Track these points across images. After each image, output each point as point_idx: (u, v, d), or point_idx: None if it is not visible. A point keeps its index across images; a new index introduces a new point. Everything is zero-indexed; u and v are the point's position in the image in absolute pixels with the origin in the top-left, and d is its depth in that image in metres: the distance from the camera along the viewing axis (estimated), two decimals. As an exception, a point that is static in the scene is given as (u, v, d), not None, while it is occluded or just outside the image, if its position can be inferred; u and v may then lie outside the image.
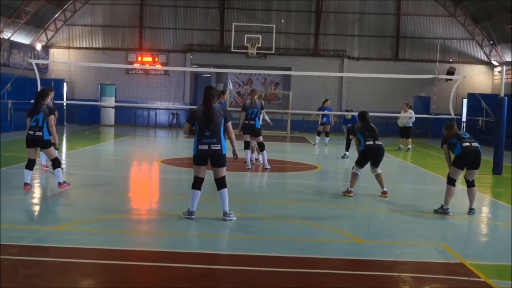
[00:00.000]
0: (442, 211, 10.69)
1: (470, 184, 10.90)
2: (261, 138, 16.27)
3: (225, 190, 9.37)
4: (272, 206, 11.21)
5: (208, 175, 9.46)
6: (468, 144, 10.66)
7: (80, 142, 21.93)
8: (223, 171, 9.37)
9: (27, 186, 11.60)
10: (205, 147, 9.18)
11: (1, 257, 6.88)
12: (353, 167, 12.42)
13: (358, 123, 12.65)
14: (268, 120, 19.50)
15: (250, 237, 8.59)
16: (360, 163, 12.33)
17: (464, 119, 32.46)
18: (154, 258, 7.34)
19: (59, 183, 11.73)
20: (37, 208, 10.72)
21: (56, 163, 11.78)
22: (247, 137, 16.29)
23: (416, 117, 24.53)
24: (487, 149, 23.80)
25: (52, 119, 11.85)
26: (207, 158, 9.29)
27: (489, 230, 10.03)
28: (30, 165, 11.72)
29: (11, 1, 29.42)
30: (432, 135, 33.61)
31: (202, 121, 9.15)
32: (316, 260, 7.46)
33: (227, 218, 9.38)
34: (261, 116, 16.88)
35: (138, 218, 9.98)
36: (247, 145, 16.27)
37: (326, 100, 24.88)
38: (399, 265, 7.35)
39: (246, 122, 16.17)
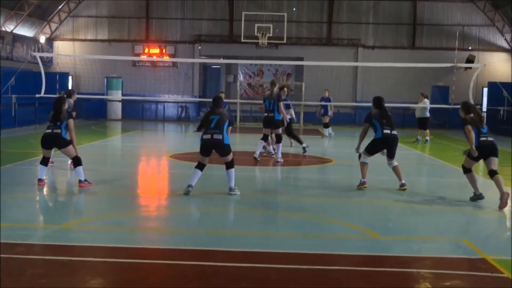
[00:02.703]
0: (477, 197, 10.83)
1: (492, 173, 10.65)
2: (279, 131, 15.90)
3: (232, 170, 10.89)
4: (286, 201, 11.20)
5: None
6: (484, 138, 10.76)
7: (87, 137, 21.45)
8: (230, 157, 10.86)
9: (41, 182, 11.47)
10: (208, 136, 10.70)
11: (8, 256, 6.76)
12: (359, 156, 12.03)
13: (374, 110, 12.02)
14: (292, 115, 19.30)
15: (263, 233, 8.46)
16: (371, 151, 11.96)
17: (484, 109, 31.63)
18: (164, 256, 7.21)
19: (80, 181, 11.49)
20: (43, 205, 10.62)
21: (77, 161, 11.54)
22: (268, 131, 16.05)
23: (434, 108, 23.73)
24: (509, 140, 23.49)
25: (72, 123, 11.75)
26: (211, 147, 10.79)
27: (511, 224, 9.63)
28: (45, 161, 11.65)
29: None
30: (451, 126, 32.80)
31: (207, 120, 10.88)
32: (332, 257, 7.30)
33: (232, 192, 10.83)
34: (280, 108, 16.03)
35: (147, 215, 9.81)
36: (264, 137, 16.03)
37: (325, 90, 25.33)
38: (418, 261, 7.19)
39: (266, 114, 15.98)
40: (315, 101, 29.35)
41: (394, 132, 11.81)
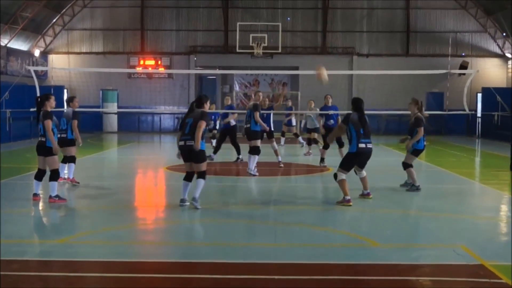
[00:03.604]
0: (416, 188, 12.03)
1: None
2: (256, 143, 15.18)
3: (202, 181, 10.55)
4: (283, 211, 11.01)
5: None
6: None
7: (82, 151, 21.22)
8: (203, 166, 10.59)
9: (37, 197, 11.36)
10: (182, 142, 10.49)
11: (4, 273, 6.64)
12: (335, 175, 11.19)
13: (353, 113, 11.12)
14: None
15: (261, 244, 8.38)
16: (347, 167, 11.17)
17: (479, 114, 31.78)
18: (163, 269, 7.15)
19: (51, 197, 11.17)
20: (39, 221, 10.48)
21: (55, 175, 11.26)
22: (250, 143, 15.35)
23: (429, 114, 23.68)
24: (504, 145, 23.59)
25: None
26: (187, 154, 10.56)
27: (509, 229, 9.49)
28: (39, 175, 11.46)
29: (7, 6, 28.74)
30: (446, 132, 32.91)
31: (183, 123, 10.65)
32: (330, 266, 7.24)
33: (195, 203, 10.45)
34: (260, 117, 15.42)
35: (144, 228, 9.74)
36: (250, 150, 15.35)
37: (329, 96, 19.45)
38: (418, 269, 7.17)
39: (245, 126, 15.58)
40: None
41: (370, 145, 11.08)
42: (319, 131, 19.35)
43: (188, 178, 10.71)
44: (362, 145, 10.93)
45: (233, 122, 18.75)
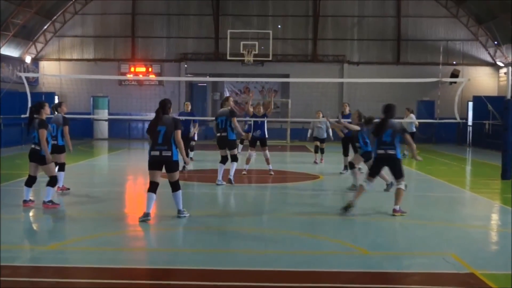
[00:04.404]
0: (355, 188, 12.53)
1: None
2: (235, 151, 14.65)
3: (179, 192, 10.26)
4: (273, 218, 11.05)
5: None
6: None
7: (73, 157, 21.13)
8: (176, 175, 10.23)
9: (26, 203, 11.42)
10: (157, 153, 10.09)
11: None
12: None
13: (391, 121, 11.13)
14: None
15: (251, 251, 8.35)
16: (372, 173, 11.28)
17: (470, 123, 31.79)
18: (154, 276, 7.17)
19: (44, 202, 11.27)
20: (29, 226, 10.48)
21: (53, 181, 11.42)
22: (224, 152, 14.61)
23: (420, 122, 23.78)
24: (495, 154, 23.66)
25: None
26: (160, 164, 10.15)
27: (499, 238, 9.67)
28: (30, 181, 11.50)
29: (-2, 13, 28.63)
30: (437, 140, 32.93)
31: (154, 130, 10.12)
32: (320, 274, 7.24)
33: (181, 215, 10.30)
34: (234, 124, 14.56)
35: (135, 234, 9.72)
36: (222, 159, 14.66)
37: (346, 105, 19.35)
38: (407, 277, 7.17)
39: (218, 134, 14.48)
40: (301, 118, 29.39)
41: (391, 151, 10.94)
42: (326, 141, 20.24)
43: (154, 189, 10.23)
44: (381, 151, 10.96)
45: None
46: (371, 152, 11.79)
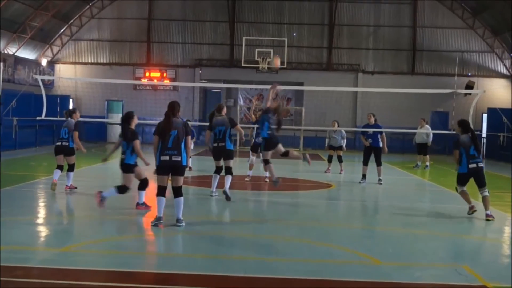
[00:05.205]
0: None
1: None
2: (231, 163, 13.47)
3: (181, 199, 10.04)
4: (285, 226, 10.93)
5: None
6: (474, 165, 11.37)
7: (86, 160, 21.23)
8: (181, 181, 10.07)
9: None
10: (166, 157, 9.88)
11: (6, 279, 6.69)
12: (456, 189, 12.18)
13: (462, 136, 11.61)
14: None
15: (262, 258, 8.31)
16: (461, 183, 11.91)
17: (484, 135, 31.57)
18: (164, 280, 7.11)
19: (138, 204, 12.05)
20: (43, 228, 10.39)
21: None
22: (219, 163, 13.60)
23: (434, 133, 23.70)
24: (508, 166, 23.48)
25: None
26: (169, 169, 9.98)
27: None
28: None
29: (16, 16, 28.89)
30: (451, 151, 32.59)
31: (166, 134, 9.92)
32: (331, 283, 7.18)
33: (180, 224, 9.98)
34: (237, 133, 13.98)
35: (147, 238, 9.79)
36: (217, 170, 13.70)
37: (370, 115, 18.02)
38: None
39: (215, 145, 13.40)
40: (315, 126, 29.36)
41: (481, 164, 11.62)
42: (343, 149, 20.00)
43: (163, 192, 10.07)
44: (473, 165, 11.48)
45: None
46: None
